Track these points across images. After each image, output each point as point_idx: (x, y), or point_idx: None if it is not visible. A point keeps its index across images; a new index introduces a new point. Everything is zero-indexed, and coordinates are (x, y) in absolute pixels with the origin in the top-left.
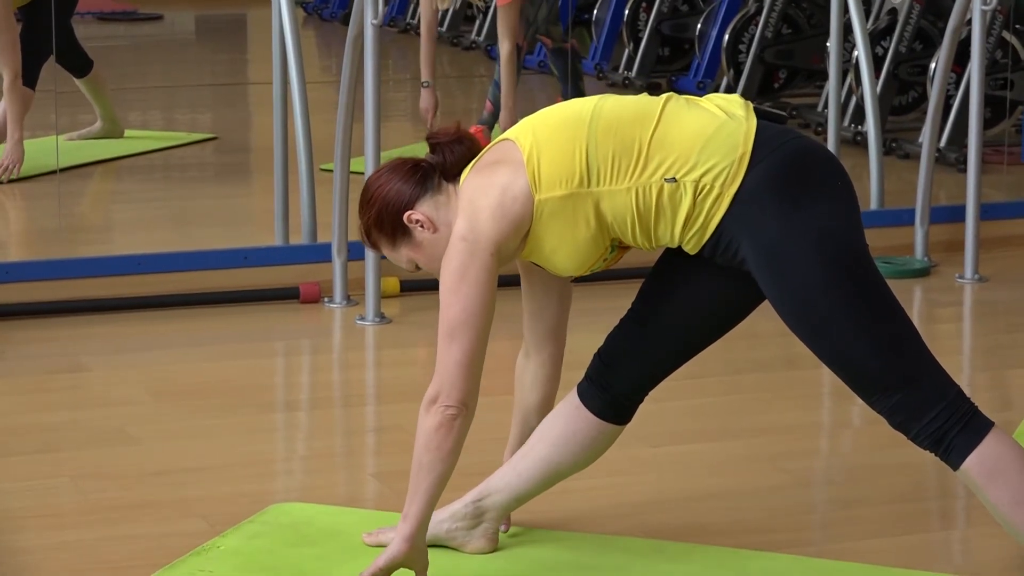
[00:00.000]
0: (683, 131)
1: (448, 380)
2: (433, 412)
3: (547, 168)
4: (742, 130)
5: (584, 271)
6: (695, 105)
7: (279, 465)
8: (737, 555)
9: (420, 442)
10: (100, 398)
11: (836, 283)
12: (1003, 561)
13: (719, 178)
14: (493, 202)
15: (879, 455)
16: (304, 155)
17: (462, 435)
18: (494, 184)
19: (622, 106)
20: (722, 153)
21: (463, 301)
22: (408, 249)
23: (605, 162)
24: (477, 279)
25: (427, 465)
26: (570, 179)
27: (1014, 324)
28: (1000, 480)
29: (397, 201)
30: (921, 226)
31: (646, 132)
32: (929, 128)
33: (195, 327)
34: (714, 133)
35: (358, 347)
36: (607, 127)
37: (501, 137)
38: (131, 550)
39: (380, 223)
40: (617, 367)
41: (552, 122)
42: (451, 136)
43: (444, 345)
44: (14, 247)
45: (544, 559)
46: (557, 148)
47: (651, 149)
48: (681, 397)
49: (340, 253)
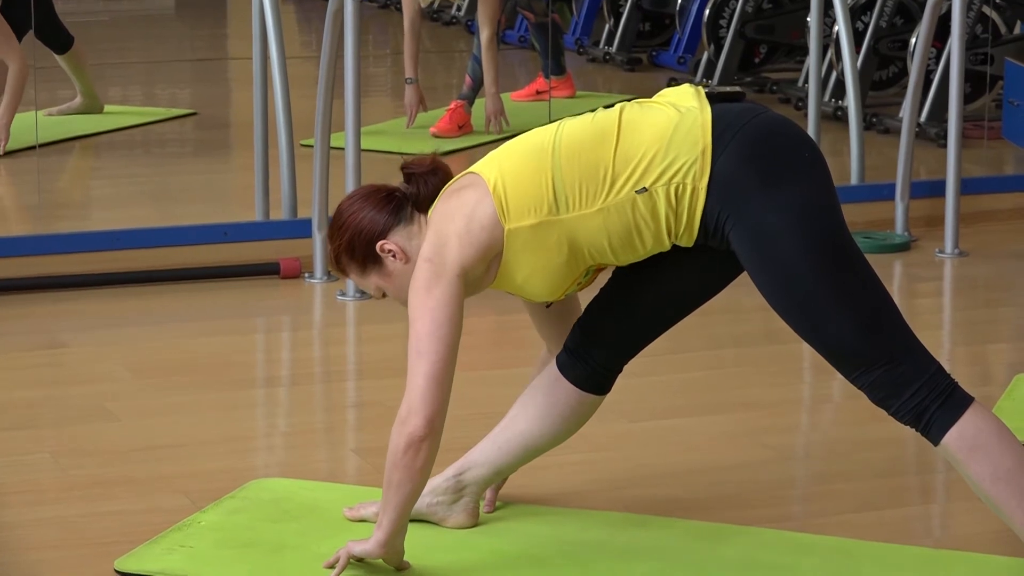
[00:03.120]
0: (643, 139)
1: (417, 396)
2: (403, 433)
3: (514, 199)
4: (699, 122)
5: (559, 295)
6: (649, 108)
7: (259, 441)
8: (718, 530)
9: (390, 460)
10: (79, 374)
11: (819, 260)
12: (983, 535)
13: (688, 175)
14: (460, 228)
15: (859, 430)
16: (284, 130)
17: (431, 456)
18: (460, 211)
19: (581, 128)
20: (685, 150)
21: (429, 315)
22: (378, 277)
23: (572, 188)
24: (442, 297)
25: (396, 483)
26: (538, 208)
27: (994, 299)
28: (980, 455)
29: (370, 230)
30: (901, 201)
31: (608, 151)
32: (909, 103)
33: (175, 303)
34: (673, 133)
35: (339, 323)
36: (570, 154)
37: (466, 171)
38: (111, 526)
39: (351, 250)
40: (596, 338)
41: (516, 155)
42: (426, 167)
43: (412, 362)
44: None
45: (525, 534)
46: (524, 179)
47: (616, 166)
48: (662, 372)
49: (320, 228)
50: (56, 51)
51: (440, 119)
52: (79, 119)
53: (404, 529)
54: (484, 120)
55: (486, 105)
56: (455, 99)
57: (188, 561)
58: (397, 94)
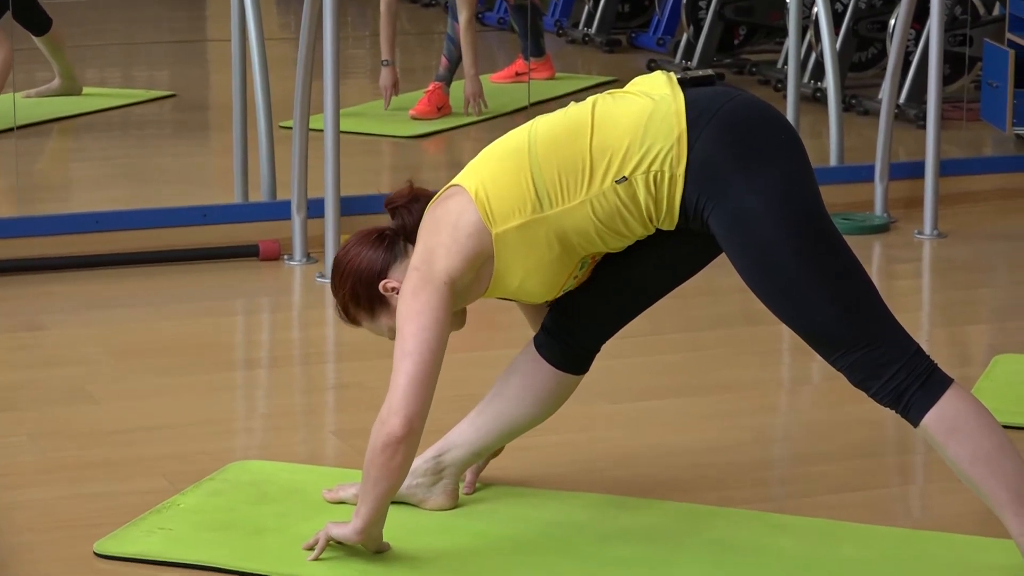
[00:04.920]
0: (618, 129)
1: (398, 397)
2: (381, 432)
3: (497, 202)
4: (672, 110)
5: (557, 292)
6: (622, 98)
7: (239, 423)
8: (697, 511)
9: (368, 456)
10: (59, 357)
11: (798, 243)
12: (962, 516)
13: (665, 162)
14: (446, 238)
15: (838, 411)
16: (263, 112)
17: (408, 456)
18: (445, 221)
19: (554, 124)
20: (661, 138)
21: (415, 318)
22: (387, 318)
23: (553, 184)
24: (429, 301)
25: (374, 479)
26: (522, 208)
27: (972, 280)
28: (959, 436)
29: (369, 272)
30: (880, 182)
31: (584, 143)
32: (888, 84)
33: (154, 285)
34: (648, 121)
35: (318, 304)
36: (546, 150)
37: (447, 185)
38: (91, 508)
39: (356, 297)
40: (574, 317)
41: (493, 160)
42: (407, 197)
43: (397, 362)
44: None
45: (504, 515)
46: (504, 182)
47: (594, 158)
48: (641, 354)
49: (300, 210)
50: (34, 33)
51: (419, 101)
52: (58, 101)
53: (382, 520)
54: (463, 102)
55: (465, 87)
56: (433, 81)
57: (167, 543)
58: (376, 76)
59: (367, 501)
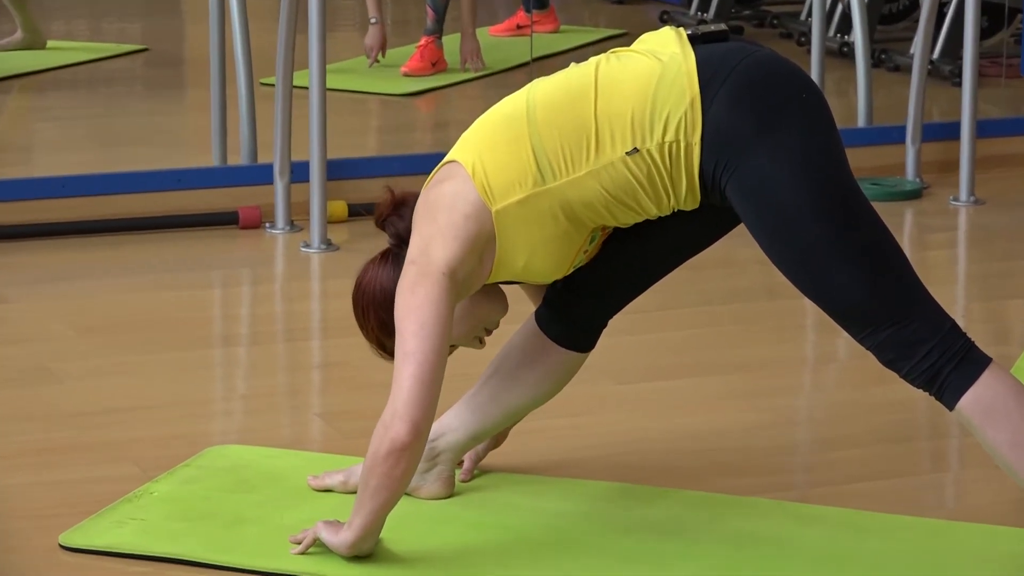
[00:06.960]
0: (625, 95)
1: (403, 399)
2: (384, 438)
3: (496, 176)
4: (683, 71)
5: (566, 270)
6: (628, 58)
7: (216, 405)
8: (712, 500)
9: (368, 463)
10: (20, 333)
11: (822, 210)
12: (1000, 505)
13: (680, 130)
14: (442, 224)
15: (866, 392)
16: (243, 68)
17: (412, 464)
18: (440, 205)
19: (554, 88)
20: (672, 103)
21: (414, 315)
22: None
23: (555, 154)
24: (427, 296)
25: (373, 489)
26: (523, 181)
27: (1012, 250)
28: (998, 419)
29: (384, 296)
30: (912, 145)
31: (588, 109)
32: (921, 38)
33: (124, 255)
34: (657, 86)
35: (302, 276)
36: (546, 117)
37: (442, 163)
38: (57, 496)
39: (384, 327)
40: (578, 291)
41: (488, 128)
42: (391, 205)
43: (398, 364)
44: None
45: (504, 504)
46: (501, 153)
47: (599, 125)
48: (651, 330)
49: (282, 174)
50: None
51: (411, 57)
52: (20, 55)
53: (376, 534)
54: (459, 60)
55: (461, 44)
56: (423, 35)
57: (139, 535)
58: (365, 29)
59: (363, 513)
